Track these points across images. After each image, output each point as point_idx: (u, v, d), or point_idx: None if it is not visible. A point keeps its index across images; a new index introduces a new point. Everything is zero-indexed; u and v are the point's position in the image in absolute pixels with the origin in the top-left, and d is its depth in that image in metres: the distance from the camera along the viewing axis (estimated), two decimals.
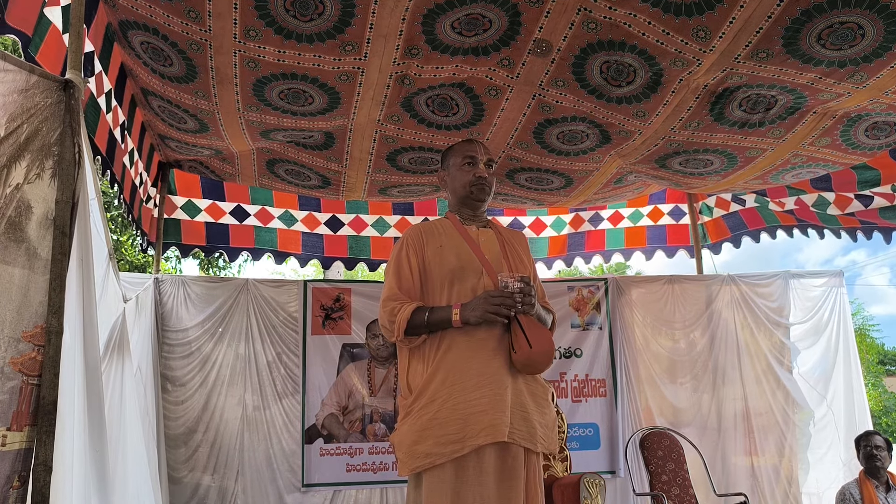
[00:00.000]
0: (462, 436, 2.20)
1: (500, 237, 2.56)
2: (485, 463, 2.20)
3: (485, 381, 2.26)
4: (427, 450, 2.22)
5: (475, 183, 2.52)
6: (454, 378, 2.28)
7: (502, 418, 2.21)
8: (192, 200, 5.24)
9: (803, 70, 3.23)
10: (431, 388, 2.29)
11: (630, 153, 4.17)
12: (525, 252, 2.60)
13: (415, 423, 2.28)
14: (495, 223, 2.66)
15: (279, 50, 3.14)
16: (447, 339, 2.33)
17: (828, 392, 5.52)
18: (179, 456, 4.78)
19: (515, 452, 2.24)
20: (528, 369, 2.32)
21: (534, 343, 2.26)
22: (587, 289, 5.59)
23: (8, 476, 2.33)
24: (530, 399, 2.33)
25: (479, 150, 2.58)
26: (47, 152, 2.56)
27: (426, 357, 2.37)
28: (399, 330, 2.33)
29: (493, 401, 2.23)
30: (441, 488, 2.19)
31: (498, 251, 2.49)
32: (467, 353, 2.30)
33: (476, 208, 2.58)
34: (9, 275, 2.41)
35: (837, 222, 5.13)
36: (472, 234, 2.51)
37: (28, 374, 2.43)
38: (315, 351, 5.14)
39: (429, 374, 2.32)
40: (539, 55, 3.28)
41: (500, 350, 2.31)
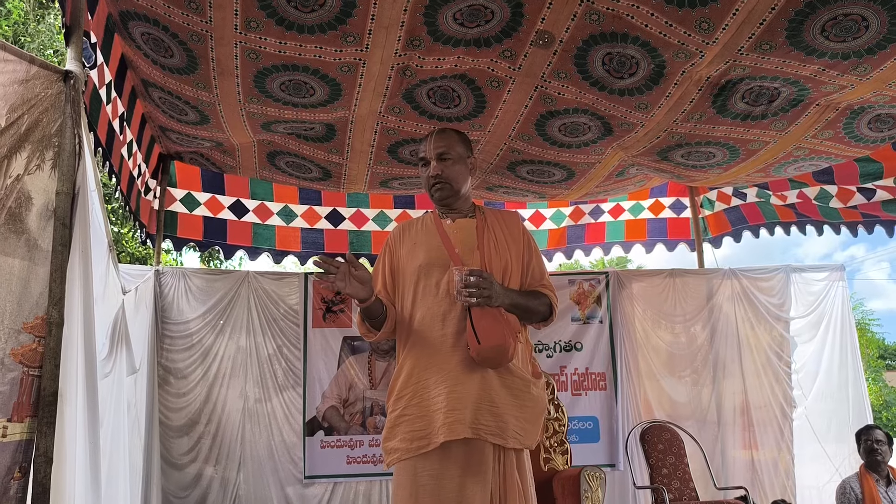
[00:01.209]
0: (427, 432, 2.22)
1: (481, 225, 2.46)
2: (450, 458, 2.19)
3: (442, 378, 2.25)
4: (395, 445, 2.26)
5: (431, 185, 2.45)
6: (417, 375, 2.29)
7: (457, 416, 2.18)
8: (192, 193, 5.22)
9: (806, 62, 3.22)
10: (398, 385, 2.33)
11: (632, 146, 4.16)
12: (512, 235, 2.48)
13: (388, 420, 2.33)
14: (484, 209, 2.56)
15: (280, 41, 3.13)
16: (412, 336, 2.35)
17: (828, 386, 5.52)
18: (182, 446, 4.80)
19: (482, 448, 2.20)
20: (485, 364, 2.26)
21: (483, 338, 2.20)
22: (588, 282, 5.59)
23: (9, 467, 2.33)
24: (504, 392, 2.27)
25: (429, 147, 2.45)
26: (48, 143, 2.55)
27: (399, 352, 2.40)
28: (359, 327, 2.41)
29: (449, 399, 2.21)
30: (404, 479, 2.23)
31: (472, 242, 2.41)
32: (429, 349, 2.30)
33: (447, 204, 2.49)
34: (9, 266, 2.40)
35: (839, 216, 5.11)
36: (445, 228, 2.44)
37: (29, 366, 2.43)
38: (316, 343, 5.15)
39: (396, 371, 2.36)
40: (541, 47, 3.27)
41: (461, 345, 2.27)
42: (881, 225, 4.96)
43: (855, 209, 4.82)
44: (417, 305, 2.35)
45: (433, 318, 2.31)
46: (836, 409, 5.49)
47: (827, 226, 5.36)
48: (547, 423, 4.24)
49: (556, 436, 4.21)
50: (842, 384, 5.52)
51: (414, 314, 2.35)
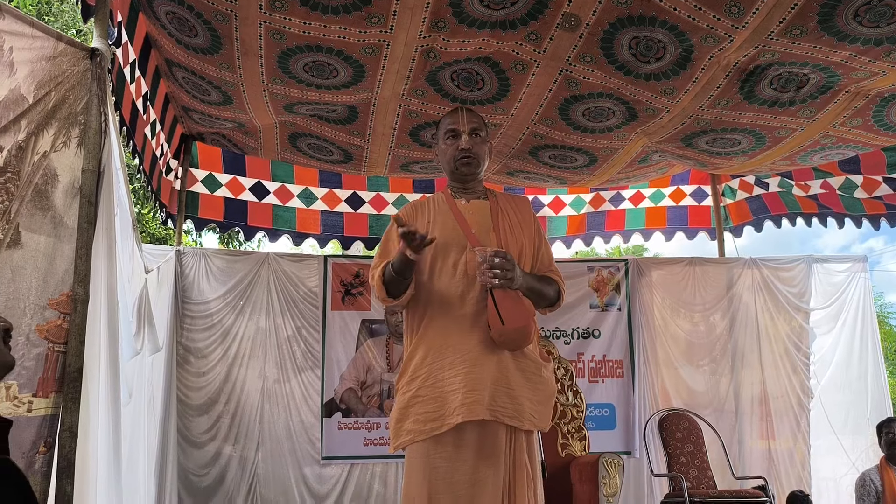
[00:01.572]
0: (440, 414, 2.19)
1: (494, 207, 2.45)
2: (464, 440, 2.18)
3: (460, 358, 2.23)
4: (409, 427, 2.23)
5: (459, 157, 2.41)
6: (433, 356, 2.26)
7: (476, 396, 2.17)
8: (213, 174, 5.24)
9: (838, 48, 3.16)
10: (412, 365, 2.29)
11: (656, 131, 4.11)
12: (524, 220, 2.48)
13: (400, 401, 2.29)
14: (496, 192, 2.55)
15: (305, 21, 3.12)
16: (427, 316, 2.31)
17: (846, 377, 5.47)
18: (201, 425, 4.84)
19: (496, 431, 2.20)
20: (505, 346, 2.26)
21: (507, 319, 2.19)
22: (607, 269, 5.56)
23: (34, 441, 2.35)
24: (519, 375, 2.27)
25: (462, 120, 2.43)
26: (74, 121, 2.56)
27: (411, 333, 2.36)
28: (378, 289, 2.31)
29: (467, 379, 2.19)
30: (419, 462, 2.20)
31: (488, 224, 2.40)
32: (445, 330, 2.27)
33: (465, 182, 2.47)
34: (35, 242, 2.42)
35: (861, 208, 5.03)
36: (462, 208, 2.42)
37: (54, 342, 2.45)
38: (334, 326, 5.17)
39: (410, 350, 2.32)
40: (567, 30, 3.23)
41: (479, 326, 2.26)
42: None
43: (879, 199, 4.75)
44: (433, 285, 2.32)
45: (451, 299, 2.29)
46: (855, 401, 5.44)
47: (848, 218, 5.28)
48: (565, 409, 4.24)
49: (574, 422, 4.21)
50: (861, 376, 5.46)
51: (430, 293, 2.32)
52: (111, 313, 2.69)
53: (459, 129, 2.42)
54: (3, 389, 2.25)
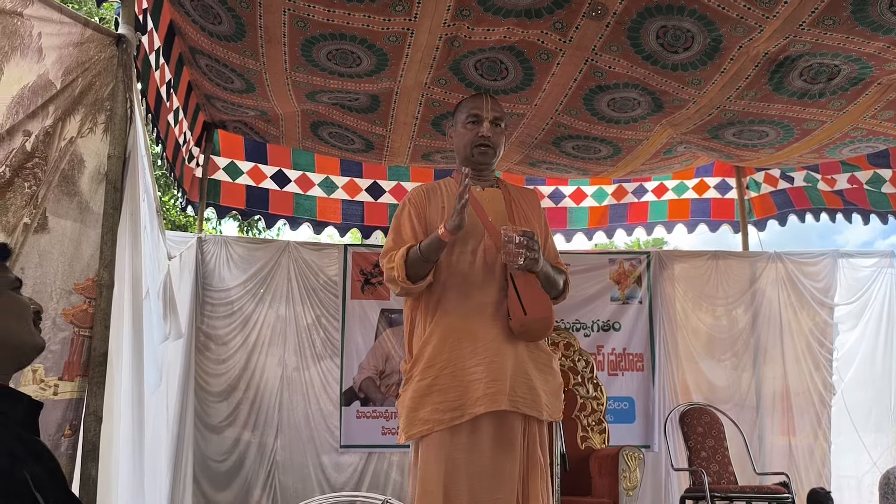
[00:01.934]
0: (461, 403, 2.15)
1: (507, 196, 2.43)
2: (480, 431, 2.15)
3: (481, 348, 2.19)
4: (426, 416, 2.17)
5: (478, 143, 2.36)
6: (452, 344, 2.21)
7: (499, 387, 2.14)
8: (235, 162, 5.25)
9: (871, 38, 3.10)
10: (428, 352, 2.22)
11: (682, 122, 4.06)
12: (534, 210, 2.47)
13: (414, 389, 2.22)
14: (505, 181, 2.53)
15: (328, 9, 3.10)
16: (445, 303, 2.26)
17: (870, 374, 5.40)
18: (221, 411, 4.88)
19: (512, 421, 2.18)
20: (525, 336, 2.24)
21: (529, 310, 2.18)
22: (629, 262, 5.52)
23: (59, 424, 2.38)
24: (532, 366, 2.25)
25: (485, 107, 2.38)
26: (100, 107, 2.57)
27: (424, 320, 2.29)
28: (399, 270, 2.20)
29: (490, 369, 2.16)
30: (436, 454, 2.14)
31: (503, 211, 2.37)
32: (464, 318, 2.23)
33: (479, 169, 2.42)
34: (61, 227, 2.43)
35: (888, 204, 4.95)
36: (476, 195, 2.38)
37: (79, 326, 2.47)
38: (354, 315, 5.18)
39: (426, 338, 2.25)
40: (594, 18, 3.19)
41: (499, 315, 2.23)
42: None
43: None
44: (451, 271, 2.28)
45: (470, 286, 2.26)
46: (878, 399, 5.37)
47: (874, 215, 5.19)
48: (585, 401, 4.22)
49: (594, 415, 4.19)
50: (885, 373, 5.39)
51: (447, 280, 2.27)
52: (136, 299, 2.70)
53: (482, 116, 2.37)
54: (30, 372, 2.27)
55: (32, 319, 1.36)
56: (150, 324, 3.14)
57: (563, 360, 4.28)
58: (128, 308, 2.67)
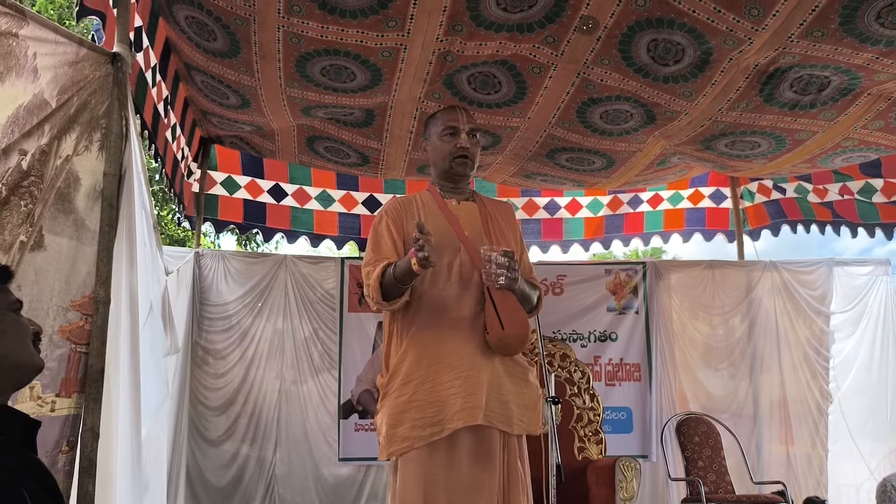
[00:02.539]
0: (440, 418, 2.14)
1: (483, 210, 2.45)
2: (458, 446, 2.15)
3: (458, 362, 2.19)
4: (405, 433, 2.16)
5: (456, 155, 2.37)
6: (429, 359, 2.21)
7: (475, 401, 2.15)
8: (232, 176, 5.28)
9: (860, 50, 3.13)
10: (405, 368, 2.22)
11: (675, 134, 4.09)
12: (510, 225, 2.49)
13: (392, 406, 2.21)
14: (480, 195, 2.54)
15: (322, 25, 3.13)
16: (421, 318, 2.25)
17: (866, 383, 5.40)
18: (220, 425, 4.89)
19: (490, 436, 2.18)
20: (502, 351, 2.25)
21: (507, 325, 2.19)
22: (625, 272, 5.54)
23: (57, 441, 2.39)
24: (507, 380, 2.26)
25: (462, 119, 2.40)
26: (96, 125, 2.59)
27: (400, 335, 2.29)
28: (374, 290, 2.21)
29: (467, 383, 2.16)
30: (415, 471, 2.13)
31: (479, 226, 2.39)
32: (441, 333, 2.23)
33: (457, 181, 2.44)
34: (57, 245, 2.45)
35: (877, 216, 4.96)
36: (453, 209, 2.39)
37: (76, 343, 2.48)
38: (351, 328, 5.19)
39: (402, 352, 2.25)
40: (585, 32, 3.22)
41: (476, 330, 2.24)
42: None
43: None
44: (429, 285, 2.28)
45: (447, 301, 2.26)
46: (875, 407, 5.36)
47: (861, 228, 5.20)
48: (581, 412, 4.23)
49: (591, 425, 4.19)
50: (881, 381, 5.38)
51: (423, 295, 2.27)
52: (133, 315, 2.72)
53: (459, 128, 2.39)
54: (28, 389, 2.28)
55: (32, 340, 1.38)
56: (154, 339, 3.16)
57: (560, 371, 4.29)
58: (125, 324, 2.68)
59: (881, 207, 4.84)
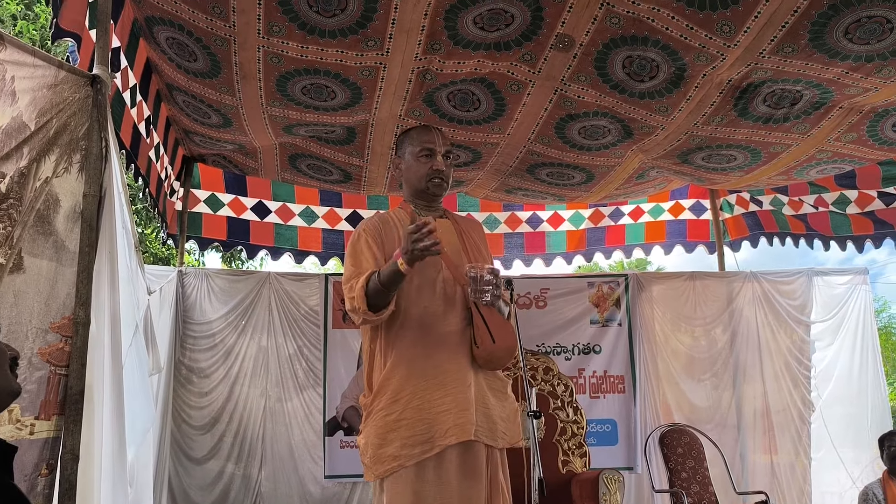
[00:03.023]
0: (430, 436, 2.14)
1: (457, 228, 2.48)
2: (446, 463, 2.14)
3: (449, 377, 2.20)
4: (394, 452, 2.14)
5: (432, 177, 2.41)
6: (417, 376, 2.20)
7: (468, 416, 2.15)
8: (216, 194, 5.29)
9: (830, 65, 3.20)
10: (392, 385, 2.20)
11: (652, 148, 4.14)
12: (483, 242, 2.53)
13: (379, 425, 2.19)
14: (451, 213, 2.57)
15: (302, 45, 3.16)
16: (407, 335, 2.25)
17: (847, 391, 5.46)
18: (205, 444, 4.87)
19: (477, 451, 2.19)
20: (489, 365, 2.26)
21: (497, 338, 2.21)
22: (607, 285, 5.57)
23: (36, 464, 2.37)
24: (490, 394, 2.28)
25: (438, 141, 2.44)
26: (75, 146, 2.60)
27: (385, 354, 2.27)
28: (360, 301, 2.19)
29: (458, 399, 2.17)
30: (403, 490, 2.12)
31: (457, 244, 2.41)
32: (428, 349, 2.23)
33: (432, 201, 2.48)
34: (37, 267, 2.45)
35: (849, 229, 5.02)
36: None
37: (56, 365, 2.47)
38: (335, 344, 5.19)
39: (388, 370, 2.23)
40: (561, 50, 3.27)
41: (463, 344, 2.25)
42: (892, 238, 4.85)
43: (870, 216, 4.75)
44: (413, 302, 2.28)
45: (433, 317, 2.26)
46: (856, 414, 5.41)
47: (833, 241, 5.27)
48: (565, 425, 4.24)
49: (575, 438, 4.21)
50: (862, 389, 5.44)
51: (407, 312, 2.27)
52: (115, 336, 2.71)
53: (436, 150, 2.43)
54: (7, 413, 2.27)
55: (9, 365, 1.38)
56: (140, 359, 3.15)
57: (543, 385, 4.31)
58: (107, 346, 2.67)
59: (854, 219, 4.91)
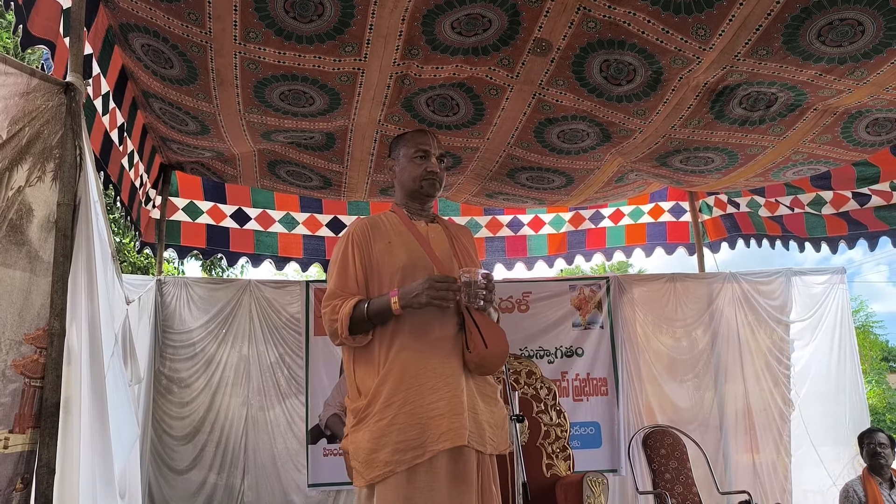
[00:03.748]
0: (422, 441, 2.12)
1: (448, 233, 2.48)
2: (436, 468, 2.12)
3: (441, 383, 2.18)
4: (386, 457, 2.11)
5: (426, 177, 2.42)
6: (409, 381, 2.18)
7: (461, 421, 2.14)
8: (194, 202, 5.25)
9: (803, 67, 3.23)
10: (385, 391, 2.18)
11: (631, 151, 4.17)
12: (472, 247, 2.54)
13: (371, 430, 2.16)
14: (441, 218, 2.58)
15: (279, 51, 3.15)
16: (399, 340, 2.24)
17: (826, 389, 5.51)
18: (186, 454, 4.82)
19: (468, 456, 2.17)
20: (481, 370, 2.26)
21: (490, 343, 2.20)
22: (589, 287, 5.59)
23: (10, 478, 2.33)
24: (480, 399, 2.27)
25: (433, 143, 2.48)
26: (49, 155, 2.56)
27: (377, 358, 2.25)
28: (342, 327, 2.21)
29: (451, 403, 2.16)
30: (394, 496, 2.09)
31: (448, 248, 2.41)
32: (421, 353, 2.21)
33: (424, 202, 2.49)
34: (10, 278, 2.41)
35: (823, 230, 5.08)
36: (422, 230, 2.41)
37: (30, 377, 2.43)
38: (317, 351, 5.16)
39: (381, 376, 2.21)
40: (539, 54, 3.28)
41: (456, 349, 2.24)
42: (865, 238, 4.91)
43: (846, 215, 4.81)
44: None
45: (427, 322, 2.25)
46: (835, 412, 5.47)
47: (808, 242, 5.32)
48: (549, 429, 4.24)
49: (559, 441, 4.21)
50: (840, 388, 5.50)
51: (400, 318, 2.25)
52: (94, 347, 2.67)
53: (431, 151, 2.45)
54: None
55: None
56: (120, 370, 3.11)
57: (526, 389, 4.31)
58: (85, 357, 2.63)
59: (828, 220, 4.97)
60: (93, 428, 2.69)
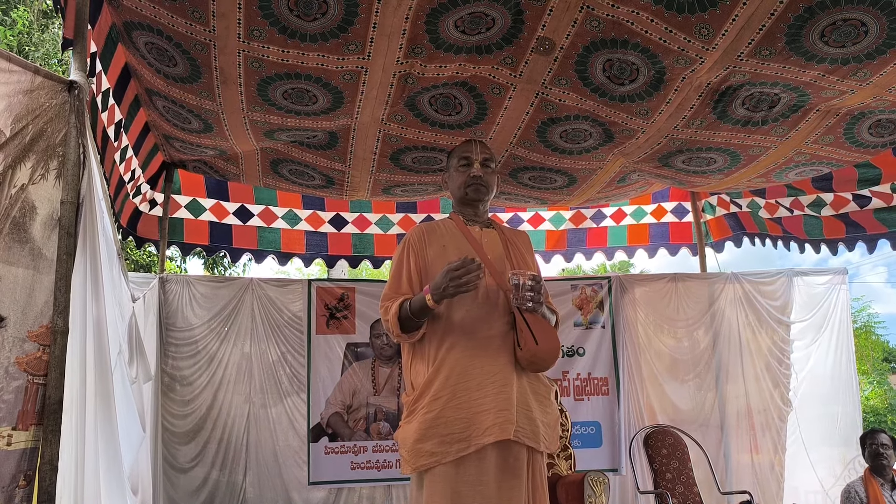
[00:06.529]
0: (467, 434, 2.20)
1: (503, 238, 2.57)
2: (486, 462, 2.19)
3: (489, 379, 2.26)
4: (432, 448, 2.22)
5: (469, 183, 2.55)
6: (457, 377, 2.27)
7: (508, 416, 2.21)
8: (197, 199, 5.26)
9: (806, 67, 3.23)
10: (435, 386, 2.29)
11: (633, 152, 4.17)
12: (528, 252, 2.62)
13: (419, 422, 2.27)
14: (499, 223, 2.68)
15: (283, 49, 3.15)
16: (449, 338, 2.33)
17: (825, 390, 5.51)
18: (189, 452, 4.83)
19: (517, 452, 2.24)
20: (533, 367, 2.32)
21: (540, 340, 2.26)
22: (590, 287, 5.60)
23: (13, 475, 2.34)
24: (533, 398, 2.33)
25: (475, 150, 2.60)
26: (52, 153, 2.57)
27: (427, 355, 2.36)
28: (394, 325, 2.35)
29: (497, 399, 2.23)
30: (442, 488, 2.18)
31: (501, 252, 2.50)
32: (471, 351, 2.30)
33: (476, 208, 2.61)
34: (13, 275, 2.42)
35: (821, 232, 5.08)
36: (476, 235, 2.52)
37: (34, 374, 2.44)
38: (319, 350, 5.16)
39: (431, 372, 2.32)
40: (542, 53, 3.28)
41: (505, 347, 2.31)
42: (864, 241, 4.91)
43: (845, 217, 4.80)
44: (455, 307, 2.36)
45: (477, 321, 2.34)
46: (840, 412, 5.48)
47: (808, 244, 5.32)
48: None
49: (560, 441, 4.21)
50: (838, 389, 5.51)
51: (451, 316, 2.36)
52: (100, 345, 2.68)
53: (473, 158, 2.58)
54: None
55: None
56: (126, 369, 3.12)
57: None
58: (91, 355, 2.64)
59: (826, 221, 4.95)
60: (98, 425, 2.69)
